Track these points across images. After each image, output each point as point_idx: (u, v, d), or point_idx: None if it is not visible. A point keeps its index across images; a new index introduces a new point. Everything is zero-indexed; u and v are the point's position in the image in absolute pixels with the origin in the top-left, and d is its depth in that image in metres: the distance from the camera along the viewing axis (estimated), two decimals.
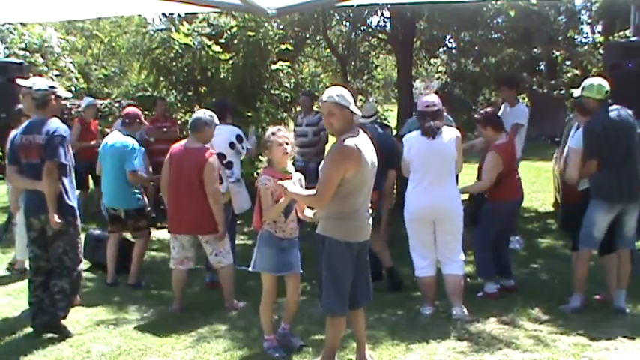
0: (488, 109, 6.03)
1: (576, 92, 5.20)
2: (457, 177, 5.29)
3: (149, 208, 6.30)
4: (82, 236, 5.08)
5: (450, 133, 5.07)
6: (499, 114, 6.81)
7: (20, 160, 4.73)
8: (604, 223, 5.06)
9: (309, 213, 4.34)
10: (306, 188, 4.29)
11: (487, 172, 5.46)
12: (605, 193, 5.03)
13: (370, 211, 4.04)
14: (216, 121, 5.36)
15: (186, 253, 5.32)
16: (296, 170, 4.58)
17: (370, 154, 3.89)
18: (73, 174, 4.86)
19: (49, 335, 4.79)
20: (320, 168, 3.90)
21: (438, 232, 5.08)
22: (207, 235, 5.24)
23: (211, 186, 5.13)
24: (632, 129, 5.02)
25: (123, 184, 5.91)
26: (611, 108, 5.01)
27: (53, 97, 4.78)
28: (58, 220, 4.59)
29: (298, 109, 12.11)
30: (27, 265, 6.52)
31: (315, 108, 9.18)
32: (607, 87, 5.01)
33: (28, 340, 4.73)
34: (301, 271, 4.49)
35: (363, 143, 3.84)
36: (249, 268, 4.49)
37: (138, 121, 6.28)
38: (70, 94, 5.39)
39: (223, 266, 5.32)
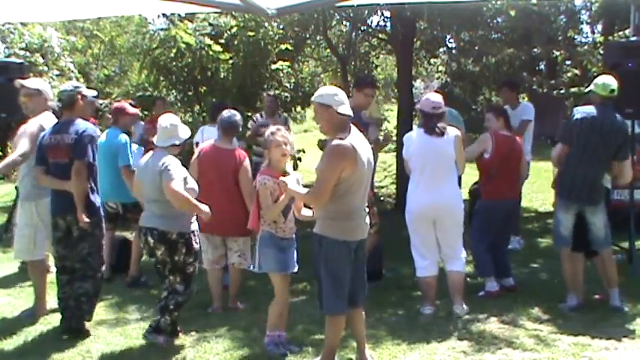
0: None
1: (588, 88, 5.26)
2: (460, 178, 5.29)
3: None
4: None
5: (449, 132, 5.07)
6: None
7: (48, 160, 4.77)
8: (567, 221, 5.12)
9: (306, 212, 4.34)
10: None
11: (475, 144, 5.61)
12: (563, 191, 5.15)
13: (367, 209, 4.04)
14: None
15: (220, 252, 5.31)
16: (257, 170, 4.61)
17: (366, 153, 3.88)
18: (98, 175, 4.91)
19: (49, 334, 4.81)
20: (316, 167, 3.90)
21: (439, 230, 5.08)
22: (239, 236, 5.21)
23: (248, 186, 5.07)
24: (611, 135, 4.97)
25: (118, 178, 5.89)
26: (607, 109, 5.01)
27: (79, 96, 4.86)
28: (87, 220, 4.64)
29: (298, 109, 12.15)
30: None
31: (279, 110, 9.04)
32: (613, 86, 5.02)
33: (28, 339, 4.74)
34: (296, 269, 4.48)
35: (358, 142, 3.84)
36: (256, 270, 4.46)
37: (123, 113, 6.24)
38: (95, 92, 5.47)
39: (243, 268, 5.30)
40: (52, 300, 5.41)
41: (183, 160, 4.71)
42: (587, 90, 5.26)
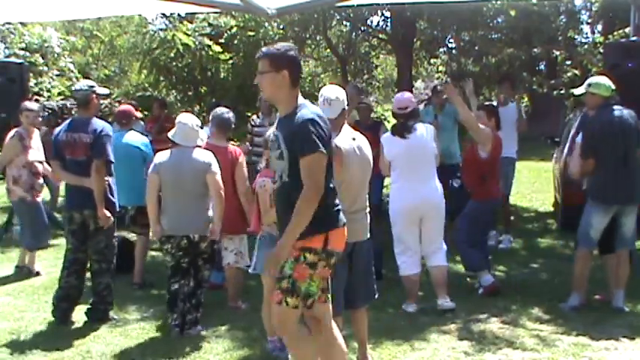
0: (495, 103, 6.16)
1: (579, 90, 5.20)
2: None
3: None
4: None
5: (425, 128, 5.14)
6: None
7: (64, 156, 4.96)
8: (600, 224, 5.07)
9: None
10: None
11: (482, 130, 5.44)
12: (601, 195, 5.04)
13: (368, 209, 4.02)
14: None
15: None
16: (256, 171, 4.61)
17: (358, 155, 3.84)
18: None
19: (49, 335, 4.82)
20: None
21: (424, 228, 5.15)
22: (235, 234, 5.24)
23: (244, 184, 5.12)
24: (631, 130, 5.00)
25: (140, 181, 5.85)
26: (613, 108, 5.01)
27: (94, 95, 5.05)
28: (109, 215, 4.87)
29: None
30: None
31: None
32: (612, 85, 5.03)
33: (28, 339, 4.74)
34: None
35: (346, 141, 3.80)
36: (250, 270, 4.46)
37: (134, 118, 6.32)
38: (107, 91, 5.63)
39: (240, 267, 5.33)
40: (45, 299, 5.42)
41: None
42: (581, 93, 5.16)
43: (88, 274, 5.13)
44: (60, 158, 4.99)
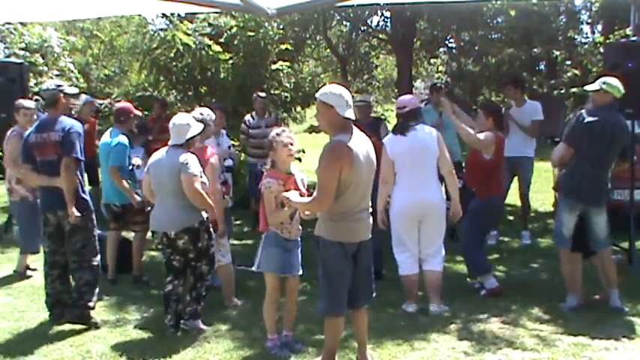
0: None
1: (593, 86, 5.13)
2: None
3: (149, 208, 6.29)
4: None
5: (427, 130, 5.17)
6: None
7: (35, 158, 4.88)
8: (569, 222, 5.11)
9: None
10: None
11: (482, 136, 5.43)
12: (568, 187, 5.11)
13: (370, 209, 4.02)
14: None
15: None
16: (260, 173, 4.60)
17: (366, 155, 3.83)
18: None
19: (50, 335, 4.82)
20: (315, 170, 3.88)
21: (424, 229, 5.16)
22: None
23: (213, 185, 5.11)
24: (620, 138, 5.00)
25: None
26: (616, 111, 5.01)
27: (61, 95, 4.98)
28: (78, 214, 4.78)
29: (298, 109, 12.15)
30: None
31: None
32: (623, 91, 5.04)
33: (28, 340, 4.74)
34: (301, 272, 4.49)
35: (356, 143, 3.79)
36: (254, 268, 4.46)
37: (132, 115, 6.30)
38: (76, 90, 5.59)
39: (222, 265, 5.34)
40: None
41: None
42: (595, 89, 5.09)
43: None
44: (31, 161, 4.89)
